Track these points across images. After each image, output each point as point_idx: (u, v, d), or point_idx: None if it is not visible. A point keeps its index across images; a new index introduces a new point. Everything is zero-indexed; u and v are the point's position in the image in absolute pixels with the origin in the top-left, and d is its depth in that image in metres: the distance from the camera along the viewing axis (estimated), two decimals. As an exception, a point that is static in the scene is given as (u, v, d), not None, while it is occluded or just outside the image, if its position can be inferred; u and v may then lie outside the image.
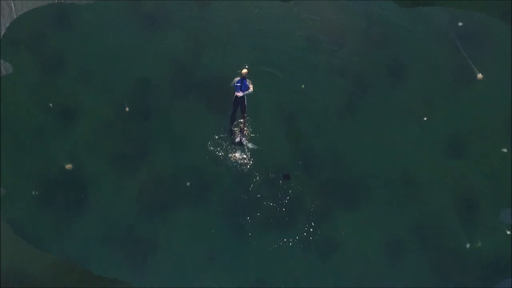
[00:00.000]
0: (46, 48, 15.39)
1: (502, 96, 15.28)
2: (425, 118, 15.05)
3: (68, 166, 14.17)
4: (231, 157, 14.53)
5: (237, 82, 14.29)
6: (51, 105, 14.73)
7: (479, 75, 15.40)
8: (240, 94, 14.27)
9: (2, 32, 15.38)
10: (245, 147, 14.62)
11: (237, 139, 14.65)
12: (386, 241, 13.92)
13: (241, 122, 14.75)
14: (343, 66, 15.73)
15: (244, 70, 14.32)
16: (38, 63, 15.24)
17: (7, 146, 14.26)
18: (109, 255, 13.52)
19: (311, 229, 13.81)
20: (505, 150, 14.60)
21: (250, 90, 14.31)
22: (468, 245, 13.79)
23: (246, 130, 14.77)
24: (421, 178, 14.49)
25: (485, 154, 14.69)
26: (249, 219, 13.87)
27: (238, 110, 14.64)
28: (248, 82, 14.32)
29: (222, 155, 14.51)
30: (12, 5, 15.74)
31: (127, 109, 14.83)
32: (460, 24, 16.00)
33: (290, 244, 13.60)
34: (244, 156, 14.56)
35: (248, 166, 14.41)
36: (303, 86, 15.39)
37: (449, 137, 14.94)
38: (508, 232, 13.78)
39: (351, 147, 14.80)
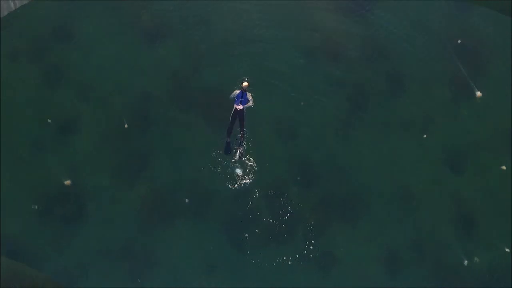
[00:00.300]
0: (45, 62, 15.36)
1: (501, 114, 15.37)
2: (424, 136, 15.11)
3: (67, 182, 14.07)
4: (230, 172, 14.42)
5: (237, 95, 14.22)
6: (49, 120, 14.68)
7: (478, 93, 15.47)
8: (240, 107, 14.18)
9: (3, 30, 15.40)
10: (243, 160, 14.53)
11: (236, 155, 14.57)
12: (384, 256, 13.92)
13: (240, 135, 14.68)
14: (343, 79, 15.77)
15: (245, 83, 14.29)
16: (37, 76, 15.20)
17: (7, 160, 14.17)
18: (108, 268, 13.41)
19: (311, 247, 13.77)
20: (504, 168, 14.70)
21: (250, 103, 14.26)
22: (466, 262, 13.83)
23: (244, 144, 14.69)
24: (419, 193, 14.53)
25: (484, 171, 14.76)
26: (247, 235, 13.82)
27: (236, 123, 14.56)
28: (248, 95, 14.28)
29: (220, 170, 14.43)
30: (12, 5, 15.68)
31: (126, 125, 14.75)
32: (459, 41, 16.19)
33: (290, 262, 13.53)
34: (243, 171, 14.47)
35: (247, 183, 14.34)
36: (302, 103, 15.38)
37: (448, 152, 15.01)
38: (507, 250, 13.85)
39: (350, 161, 14.81)
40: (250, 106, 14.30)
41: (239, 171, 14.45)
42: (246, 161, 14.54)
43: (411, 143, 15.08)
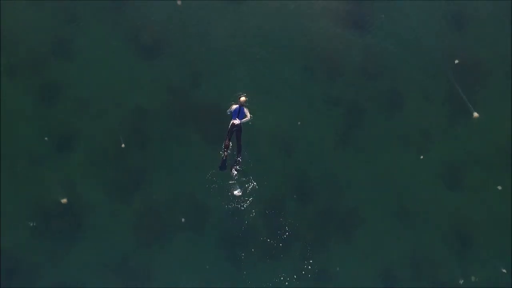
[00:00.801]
0: (42, 78, 15.24)
1: (498, 133, 15.38)
2: (421, 157, 15.12)
3: (64, 201, 14.01)
4: (227, 190, 14.36)
5: (235, 110, 14.18)
6: (46, 138, 14.57)
7: (475, 114, 15.51)
8: (237, 121, 14.14)
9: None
10: (240, 177, 14.42)
11: (233, 172, 14.49)
12: (381, 273, 13.97)
13: (237, 151, 14.60)
14: (340, 95, 15.75)
15: (242, 98, 14.26)
16: (34, 93, 15.07)
17: (4, 177, 14.12)
18: (105, 283, 13.46)
19: (309, 266, 13.74)
20: (500, 188, 14.77)
21: (247, 117, 14.22)
22: (462, 281, 13.86)
23: (241, 159, 14.60)
24: (416, 210, 14.58)
25: (481, 189, 14.80)
26: (244, 254, 13.81)
27: (233, 139, 14.50)
28: (246, 110, 14.24)
29: (216, 188, 14.37)
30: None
31: (123, 145, 14.66)
32: (456, 61, 16.31)
33: (287, 283, 13.51)
34: (239, 190, 14.41)
35: (244, 203, 14.28)
36: (299, 123, 15.33)
37: (446, 170, 15.03)
38: (504, 270, 13.91)
39: (347, 178, 14.83)
40: (247, 121, 14.26)
41: (236, 190, 14.38)
42: (243, 178, 14.48)
43: (408, 160, 15.09)
